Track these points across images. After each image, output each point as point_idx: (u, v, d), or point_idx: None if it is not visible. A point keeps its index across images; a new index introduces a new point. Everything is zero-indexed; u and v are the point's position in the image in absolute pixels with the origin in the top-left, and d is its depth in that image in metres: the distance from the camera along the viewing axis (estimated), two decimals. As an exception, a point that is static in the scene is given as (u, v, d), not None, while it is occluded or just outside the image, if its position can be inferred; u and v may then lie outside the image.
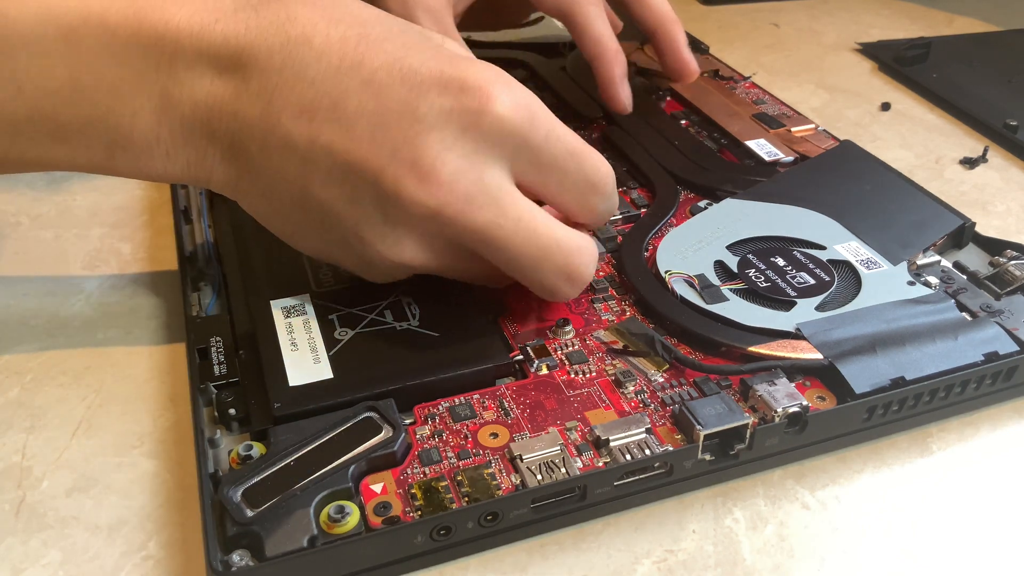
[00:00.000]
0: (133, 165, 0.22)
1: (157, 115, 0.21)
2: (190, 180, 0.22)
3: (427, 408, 0.21)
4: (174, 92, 0.21)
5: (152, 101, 0.21)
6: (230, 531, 0.17)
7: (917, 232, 0.27)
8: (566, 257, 0.22)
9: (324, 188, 0.21)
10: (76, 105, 0.20)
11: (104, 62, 0.20)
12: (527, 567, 0.19)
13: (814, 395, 0.22)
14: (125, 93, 0.20)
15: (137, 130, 0.21)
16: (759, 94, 0.38)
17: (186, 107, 0.21)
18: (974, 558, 0.19)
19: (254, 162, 0.21)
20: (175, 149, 0.21)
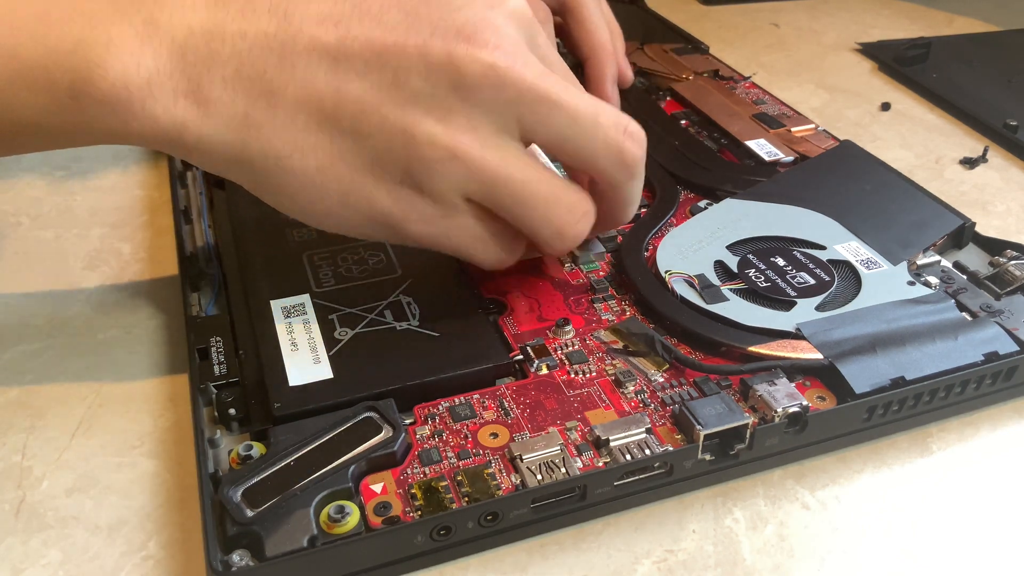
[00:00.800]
0: (103, 111, 0.19)
1: (139, 41, 0.19)
2: (174, 127, 0.19)
3: (427, 408, 0.21)
4: (161, 18, 0.19)
5: (133, 28, 0.19)
6: (230, 531, 0.17)
7: (917, 232, 0.27)
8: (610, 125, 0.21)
9: (360, 81, 0.19)
10: (40, 37, 0.18)
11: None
12: (527, 567, 0.19)
13: (814, 395, 0.22)
14: (99, 20, 0.19)
15: (112, 61, 0.18)
16: (759, 94, 0.38)
17: (178, 31, 0.19)
18: (974, 558, 0.19)
19: (271, 82, 0.19)
20: (161, 83, 0.19)
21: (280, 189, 0.20)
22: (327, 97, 0.19)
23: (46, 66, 0.18)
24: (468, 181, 0.20)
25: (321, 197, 0.20)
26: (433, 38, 0.19)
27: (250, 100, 0.19)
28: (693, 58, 0.41)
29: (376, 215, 0.21)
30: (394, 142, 0.20)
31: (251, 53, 0.19)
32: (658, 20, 0.45)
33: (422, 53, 0.19)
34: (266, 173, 0.20)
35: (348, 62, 0.19)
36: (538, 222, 0.21)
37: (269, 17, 0.19)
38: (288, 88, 0.19)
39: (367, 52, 0.19)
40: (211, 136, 0.19)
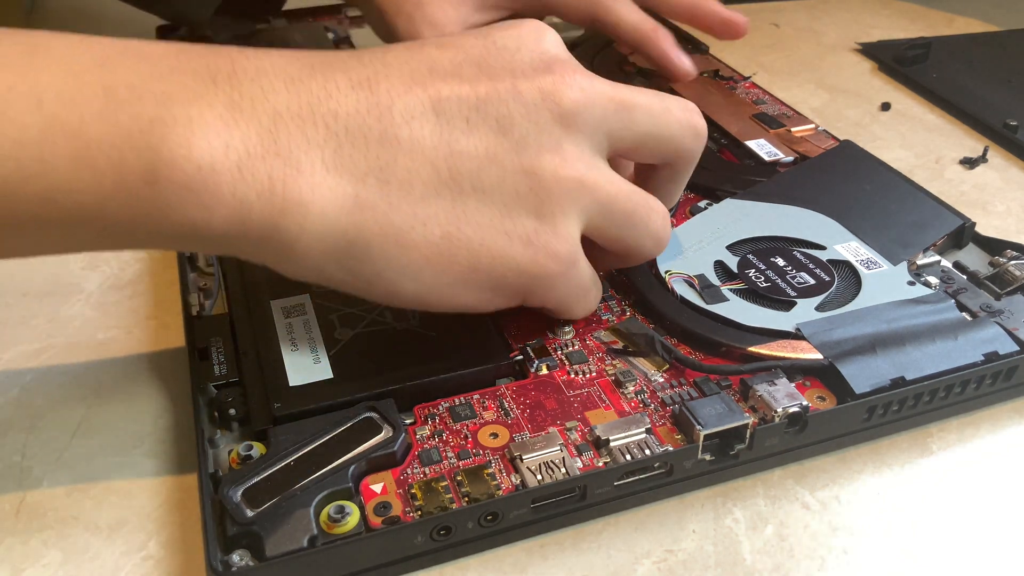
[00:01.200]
0: (185, 197, 0.17)
1: (224, 123, 0.17)
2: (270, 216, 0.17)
3: (427, 408, 0.21)
4: (242, 102, 0.17)
5: (215, 110, 0.17)
6: (230, 531, 0.17)
7: (917, 232, 0.27)
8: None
9: (468, 137, 0.19)
10: (109, 116, 0.16)
11: (145, 78, 0.17)
12: (527, 567, 0.19)
13: (814, 395, 0.22)
14: (176, 101, 0.17)
15: (198, 141, 0.17)
16: (759, 94, 0.38)
17: (263, 116, 0.17)
18: (974, 558, 0.19)
19: (378, 157, 0.18)
20: (252, 167, 0.17)
21: (402, 271, 0.19)
22: (440, 160, 0.19)
23: (115, 145, 0.16)
24: (592, 207, 0.20)
25: (447, 268, 0.19)
26: (517, 78, 0.20)
27: (357, 179, 0.18)
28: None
29: (510, 276, 0.20)
30: (520, 188, 0.19)
31: (348, 132, 0.18)
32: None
33: (515, 95, 0.19)
34: (385, 257, 0.19)
35: (450, 121, 0.19)
36: (642, 233, 0.22)
37: (355, 93, 0.18)
38: (397, 160, 0.18)
39: (464, 107, 0.19)
40: (318, 225, 0.18)
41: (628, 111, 0.21)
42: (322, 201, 0.18)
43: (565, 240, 0.20)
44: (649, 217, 0.22)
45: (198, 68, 0.18)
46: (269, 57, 0.19)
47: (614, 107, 0.21)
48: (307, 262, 0.19)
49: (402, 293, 0.20)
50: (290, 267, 0.19)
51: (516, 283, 0.20)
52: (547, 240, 0.20)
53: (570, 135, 0.20)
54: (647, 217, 0.22)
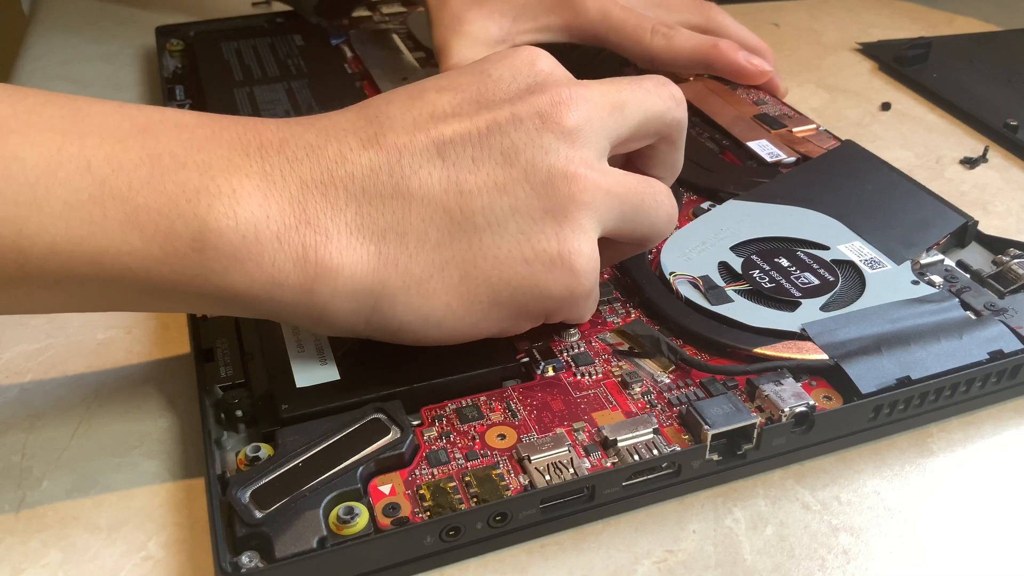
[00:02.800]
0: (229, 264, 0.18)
1: (262, 194, 0.18)
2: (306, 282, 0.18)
3: (434, 410, 0.21)
4: (273, 172, 0.19)
5: (252, 181, 0.18)
6: (239, 532, 0.17)
7: (920, 231, 0.27)
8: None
9: (476, 174, 0.19)
10: (156, 183, 0.17)
11: (185, 148, 0.18)
12: (527, 567, 0.19)
13: (820, 395, 0.22)
14: (217, 171, 0.18)
15: (243, 211, 0.18)
16: (760, 95, 0.38)
17: (292, 185, 0.19)
18: (974, 558, 0.19)
19: (393, 212, 0.19)
20: (289, 237, 0.18)
21: (427, 320, 0.20)
22: (451, 203, 0.19)
23: (163, 212, 0.17)
24: (608, 212, 0.21)
25: (469, 308, 0.20)
26: (515, 106, 0.20)
27: (378, 237, 0.19)
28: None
29: (531, 303, 0.20)
30: (535, 211, 0.20)
31: (365, 193, 0.19)
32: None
33: (515, 123, 0.20)
34: (408, 308, 0.19)
35: (456, 162, 0.19)
36: (654, 217, 0.22)
37: (366, 152, 0.19)
38: (411, 211, 0.19)
39: (467, 145, 0.19)
40: (348, 287, 0.19)
41: (620, 110, 0.21)
42: (350, 264, 0.19)
43: (586, 255, 0.20)
44: (656, 200, 0.22)
45: (231, 139, 0.19)
46: (288, 127, 0.20)
47: (608, 111, 0.21)
48: (339, 322, 0.20)
49: (428, 338, 0.20)
50: (322, 328, 0.20)
51: (539, 307, 0.21)
52: (570, 259, 0.20)
53: (576, 149, 0.20)
54: (655, 201, 0.22)
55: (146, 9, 0.49)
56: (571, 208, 0.20)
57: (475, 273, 0.19)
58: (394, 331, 0.20)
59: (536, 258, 0.20)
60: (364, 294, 0.19)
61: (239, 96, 0.36)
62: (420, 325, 0.20)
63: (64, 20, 0.48)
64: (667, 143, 0.24)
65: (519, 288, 0.20)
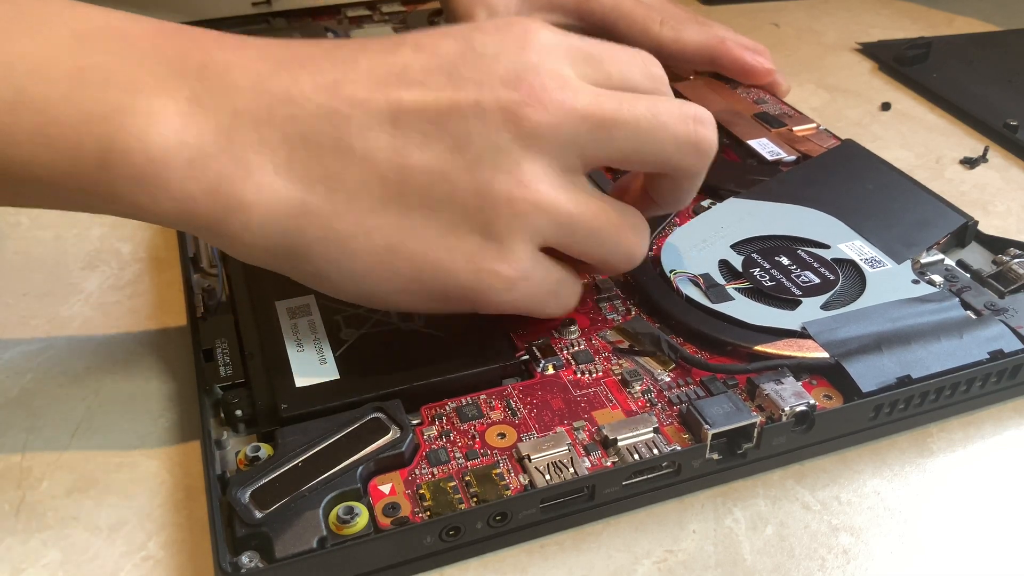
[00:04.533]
0: (133, 185, 0.17)
1: (182, 119, 0.17)
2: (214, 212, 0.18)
3: (434, 408, 0.21)
4: (205, 97, 0.18)
5: (177, 103, 0.17)
6: (239, 532, 0.17)
7: (920, 231, 0.27)
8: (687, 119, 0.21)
9: (422, 151, 0.18)
10: (74, 98, 0.17)
11: (118, 62, 0.17)
12: (527, 567, 0.19)
13: (821, 394, 0.22)
14: (140, 89, 0.17)
15: (154, 134, 0.17)
16: (760, 93, 0.38)
17: (223, 113, 0.18)
18: (974, 558, 0.19)
19: (329, 166, 0.18)
20: (204, 164, 0.17)
21: (343, 275, 0.19)
22: (390, 173, 0.18)
23: (75, 128, 0.17)
24: (548, 228, 0.20)
25: (390, 277, 0.19)
26: (483, 93, 0.19)
27: (306, 186, 0.18)
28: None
29: (452, 290, 0.20)
30: (469, 207, 0.19)
31: (304, 138, 0.18)
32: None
33: (477, 111, 0.19)
34: (326, 260, 0.19)
35: (406, 135, 0.18)
36: (610, 249, 0.21)
37: (317, 97, 0.18)
38: (348, 170, 0.18)
39: (422, 120, 0.19)
40: (259, 225, 0.18)
41: (607, 129, 0.19)
42: (266, 203, 0.18)
43: (511, 260, 0.19)
44: (619, 234, 0.21)
45: (172, 56, 0.18)
46: (244, 49, 0.19)
47: (588, 126, 0.19)
48: (249, 254, 0.19)
49: (344, 292, 0.20)
50: (233, 254, 0.20)
51: (459, 295, 0.20)
52: (490, 260, 0.19)
53: (530, 156, 0.19)
54: (616, 235, 0.20)
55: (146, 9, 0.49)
56: (503, 213, 0.19)
57: (400, 248, 0.19)
58: (309, 276, 0.20)
59: (458, 248, 0.19)
60: (277, 236, 0.18)
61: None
62: (337, 278, 0.19)
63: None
64: (670, 182, 0.22)
65: (439, 272, 0.19)
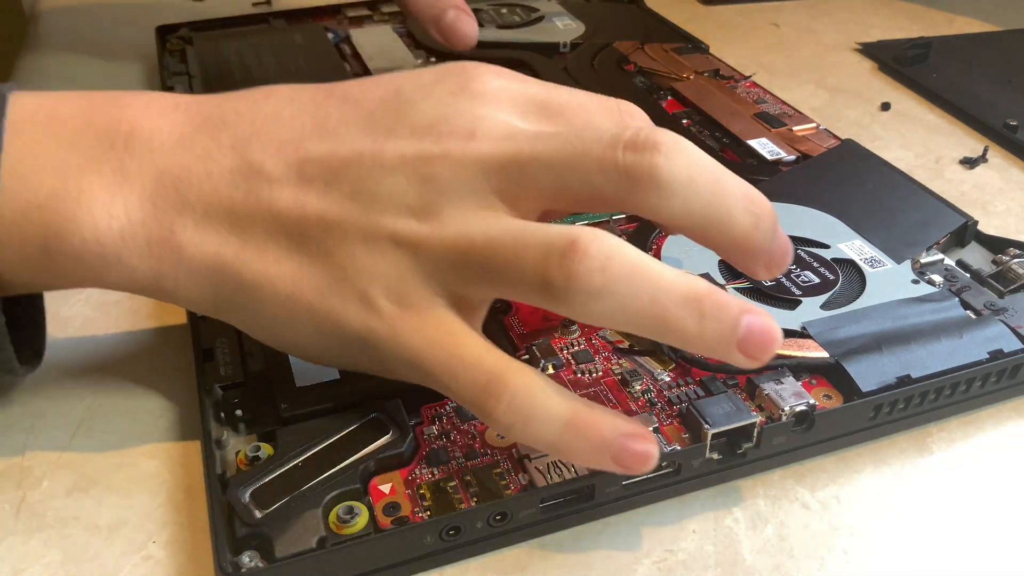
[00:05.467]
0: (78, 266, 0.19)
1: (110, 193, 0.18)
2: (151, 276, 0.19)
3: (434, 408, 0.21)
4: (131, 165, 0.19)
5: (104, 178, 0.18)
6: (239, 532, 0.17)
7: (920, 230, 0.27)
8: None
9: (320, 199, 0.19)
10: (14, 191, 0.18)
11: (49, 147, 0.19)
12: (527, 567, 0.19)
13: (820, 393, 0.22)
14: (71, 171, 0.18)
15: (84, 216, 0.18)
16: (760, 93, 0.38)
17: (147, 178, 0.19)
18: (974, 558, 0.19)
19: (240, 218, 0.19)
20: (134, 233, 0.18)
21: (260, 325, 0.20)
22: (291, 221, 0.19)
23: (16, 222, 0.18)
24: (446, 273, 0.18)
25: (294, 328, 0.19)
26: (388, 142, 0.19)
27: (220, 239, 0.19)
28: (694, 58, 0.41)
29: (352, 343, 0.19)
30: (356, 252, 0.18)
31: (217, 192, 0.19)
32: (658, 20, 0.45)
33: (376, 160, 0.19)
34: (244, 310, 0.19)
35: (309, 183, 0.19)
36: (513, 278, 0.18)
37: (232, 153, 0.19)
38: (255, 220, 0.19)
39: (324, 169, 0.19)
40: (187, 280, 0.19)
41: (519, 168, 0.18)
42: (189, 261, 0.19)
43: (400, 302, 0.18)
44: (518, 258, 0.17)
45: (100, 129, 0.19)
46: (173, 112, 0.20)
47: (494, 170, 0.18)
48: (192, 306, 0.20)
49: (270, 342, 0.20)
50: (181, 306, 0.21)
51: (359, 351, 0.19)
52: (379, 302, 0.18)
53: (425, 197, 0.18)
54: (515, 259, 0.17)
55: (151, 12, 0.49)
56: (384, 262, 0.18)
57: (299, 296, 0.19)
58: (243, 327, 0.20)
59: (350, 296, 0.18)
60: (207, 288, 0.19)
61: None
62: (257, 329, 0.20)
63: (64, 20, 0.48)
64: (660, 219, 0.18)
65: (337, 326, 0.19)
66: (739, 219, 0.18)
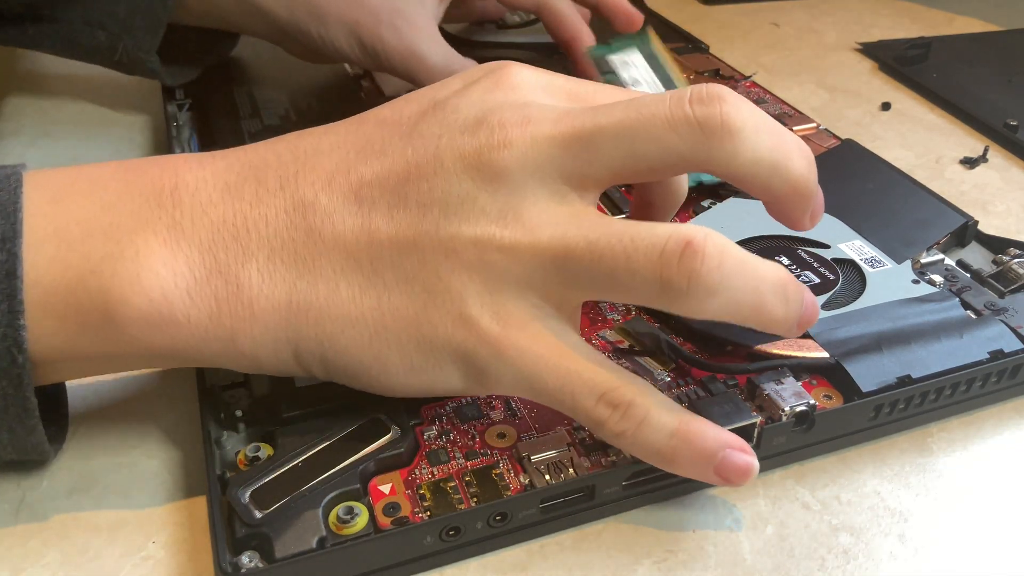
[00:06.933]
0: (144, 330, 0.17)
1: (168, 250, 0.17)
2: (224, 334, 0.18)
3: (434, 408, 0.21)
4: (183, 220, 0.18)
5: (159, 236, 0.17)
6: (239, 532, 0.17)
7: (920, 230, 0.27)
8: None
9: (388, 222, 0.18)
10: (61, 259, 0.17)
11: (94, 212, 0.17)
12: (527, 567, 0.19)
13: (821, 394, 0.22)
14: (122, 233, 0.17)
15: (146, 274, 0.17)
16: (760, 93, 0.38)
17: (203, 232, 0.18)
18: (974, 558, 0.19)
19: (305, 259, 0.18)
20: (199, 291, 0.17)
21: (349, 371, 0.18)
22: (361, 251, 0.18)
23: (71, 290, 0.17)
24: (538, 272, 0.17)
25: (386, 368, 0.18)
26: (440, 146, 0.18)
27: (289, 284, 0.18)
28: (694, 58, 0.41)
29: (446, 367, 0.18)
30: (441, 271, 0.17)
31: (278, 236, 0.18)
32: (658, 20, 0.45)
33: (435, 167, 0.18)
34: (324, 360, 0.18)
35: (372, 207, 0.18)
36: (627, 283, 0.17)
37: (282, 193, 0.18)
38: (323, 258, 0.18)
39: (383, 190, 0.18)
40: (264, 336, 0.18)
41: (585, 143, 0.17)
42: (262, 315, 0.18)
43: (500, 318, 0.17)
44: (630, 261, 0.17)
45: (145, 188, 0.18)
46: (212, 163, 0.19)
47: (561, 148, 0.17)
48: (269, 367, 0.19)
49: (366, 387, 0.19)
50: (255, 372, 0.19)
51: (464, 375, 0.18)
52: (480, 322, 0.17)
53: (500, 198, 0.17)
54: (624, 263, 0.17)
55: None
56: (476, 266, 0.17)
57: (384, 334, 0.18)
58: (330, 376, 0.19)
59: (440, 321, 0.18)
60: (282, 342, 0.18)
61: (239, 96, 0.36)
62: (343, 376, 0.19)
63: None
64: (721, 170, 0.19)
65: (432, 352, 0.18)
66: (798, 161, 0.18)
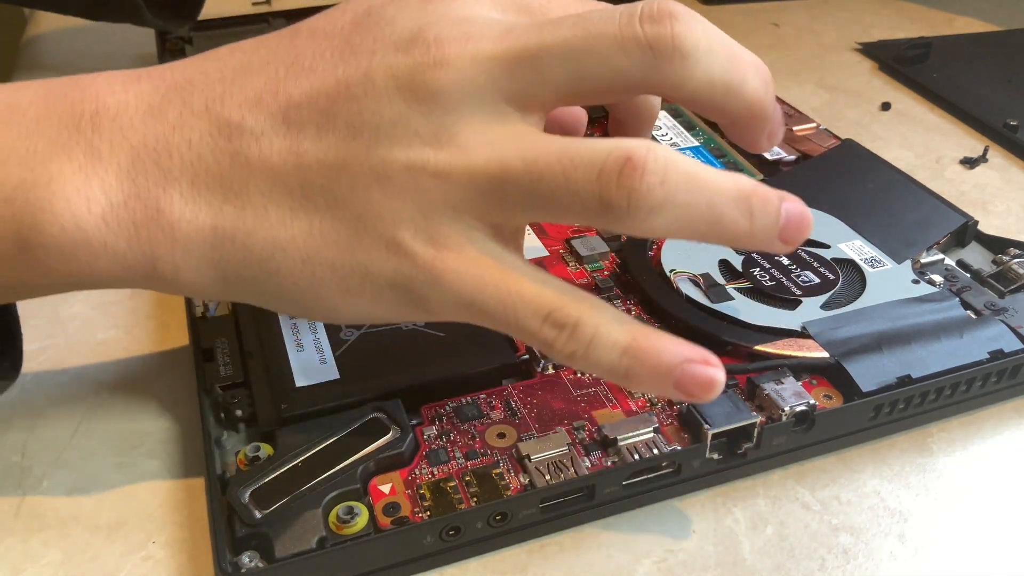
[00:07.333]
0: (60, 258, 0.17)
1: (84, 175, 0.17)
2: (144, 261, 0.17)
3: (434, 408, 0.21)
4: (101, 145, 0.17)
5: (75, 161, 0.17)
6: (239, 532, 0.17)
7: (920, 230, 0.27)
8: None
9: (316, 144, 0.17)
10: None
11: (9, 138, 0.17)
12: (527, 567, 0.19)
13: (821, 394, 0.22)
14: (38, 159, 0.17)
15: (59, 203, 0.16)
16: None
17: (122, 156, 0.17)
18: (974, 558, 0.19)
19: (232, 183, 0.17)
20: (116, 216, 0.17)
21: (279, 296, 0.18)
22: (289, 175, 0.17)
23: None
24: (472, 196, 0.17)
25: (319, 294, 0.17)
26: (372, 63, 0.17)
27: (214, 209, 0.17)
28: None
29: (387, 293, 0.17)
30: (373, 196, 0.16)
31: (202, 160, 0.17)
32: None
33: (366, 86, 0.16)
34: (257, 283, 0.17)
35: (300, 130, 0.17)
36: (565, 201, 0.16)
37: (207, 115, 0.17)
38: (249, 182, 0.17)
39: (312, 111, 0.17)
40: (186, 261, 0.17)
41: (529, 64, 0.16)
42: (184, 239, 0.17)
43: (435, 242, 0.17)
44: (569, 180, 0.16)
45: (63, 114, 0.17)
46: (137, 84, 0.18)
47: (502, 68, 0.16)
48: (196, 291, 0.18)
49: (304, 314, 0.18)
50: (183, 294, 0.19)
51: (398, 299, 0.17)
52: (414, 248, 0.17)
53: (434, 119, 0.16)
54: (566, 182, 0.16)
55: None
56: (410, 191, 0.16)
57: (316, 258, 0.17)
58: (259, 301, 0.18)
59: (374, 246, 0.17)
60: (208, 266, 0.17)
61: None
62: (275, 304, 0.18)
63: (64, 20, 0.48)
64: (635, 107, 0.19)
65: (367, 278, 0.17)
66: (752, 81, 0.17)
